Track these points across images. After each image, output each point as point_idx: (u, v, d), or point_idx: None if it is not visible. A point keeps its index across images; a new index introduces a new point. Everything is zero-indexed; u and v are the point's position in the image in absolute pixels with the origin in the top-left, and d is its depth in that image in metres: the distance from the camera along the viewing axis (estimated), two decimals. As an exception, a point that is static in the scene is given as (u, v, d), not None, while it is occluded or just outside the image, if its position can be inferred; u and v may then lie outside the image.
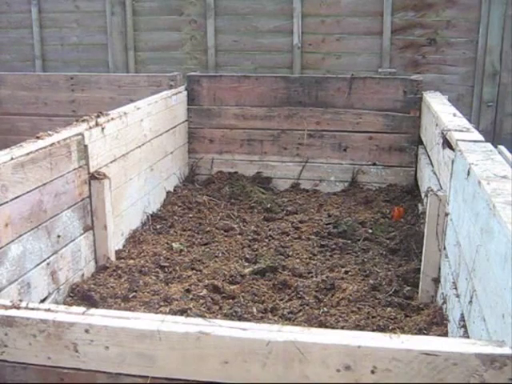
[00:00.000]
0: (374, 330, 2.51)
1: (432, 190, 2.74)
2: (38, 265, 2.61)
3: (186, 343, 1.32)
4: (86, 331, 1.36)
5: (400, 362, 1.23)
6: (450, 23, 5.51)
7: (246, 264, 3.29)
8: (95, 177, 3.06)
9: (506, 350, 1.21)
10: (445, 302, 2.51)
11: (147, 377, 1.36)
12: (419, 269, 2.91)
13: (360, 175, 4.60)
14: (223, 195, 4.41)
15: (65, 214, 2.84)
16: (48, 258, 2.70)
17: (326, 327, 2.50)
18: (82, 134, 2.98)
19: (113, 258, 3.24)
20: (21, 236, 2.47)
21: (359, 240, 3.61)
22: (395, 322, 2.65)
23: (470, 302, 1.94)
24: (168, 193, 4.32)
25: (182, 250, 3.45)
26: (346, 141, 4.60)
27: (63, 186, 2.81)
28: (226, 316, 2.69)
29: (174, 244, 3.52)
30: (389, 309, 2.74)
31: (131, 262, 3.24)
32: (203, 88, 4.77)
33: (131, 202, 3.62)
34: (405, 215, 3.94)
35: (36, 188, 2.57)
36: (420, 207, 3.83)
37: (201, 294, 2.89)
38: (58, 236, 2.78)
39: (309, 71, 5.78)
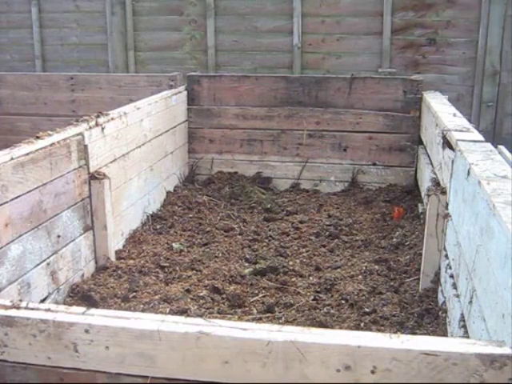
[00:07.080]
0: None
1: (432, 190, 2.74)
2: (37, 265, 2.61)
3: (186, 343, 1.32)
4: (86, 331, 1.36)
5: (400, 362, 1.23)
6: (450, 23, 5.52)
7: (246, 264, 3.29)
8: (95, 177, 3.06)
9: (506, 350, 1.21)
10: (445, 302, 2.51)
11: (147, 377, 1.36)
12: (419, 269, 2.91)
13: (360, 175, 4.60)
14: (223, 195, 4.41)
15: (65, 214, 2.84)
16: (48, 257, 2.70)
17: (326, 327, 2.50)
18: (82, 134, 2.98)
19: (113, 258, 3.24)
20: (21, 236, 2.47)
21: (359, 240, 3.61)
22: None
23: (470, 302, 1.94)
24: (168, 193, 4.32)
25: (182, 250, 3.45)
26: (346, 141, 4.60)
27: (63, 186, 2.81)
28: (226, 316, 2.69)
29: (174, 244, 3.52)
30: (389, 309, 2.74)
31: (131, 262, 3.24)
32: (203, 88, 4.77)
33: (131, 202, 3.61)
34: (405, 215, 3.94)
35: (36, 188, 2.57)
36: (420, 207, 3.83)
37: (201, 294, 2.89)
38: (58, 236, 2.78)
39: (309, 71, 5.78)
